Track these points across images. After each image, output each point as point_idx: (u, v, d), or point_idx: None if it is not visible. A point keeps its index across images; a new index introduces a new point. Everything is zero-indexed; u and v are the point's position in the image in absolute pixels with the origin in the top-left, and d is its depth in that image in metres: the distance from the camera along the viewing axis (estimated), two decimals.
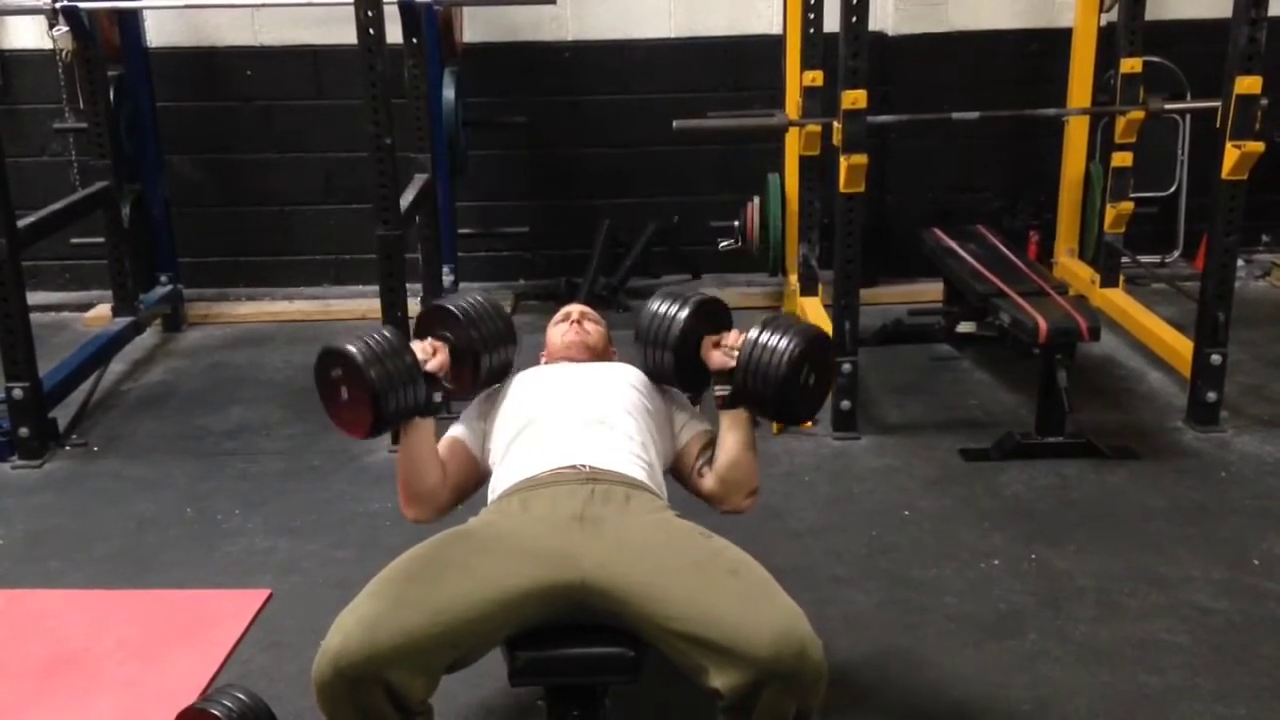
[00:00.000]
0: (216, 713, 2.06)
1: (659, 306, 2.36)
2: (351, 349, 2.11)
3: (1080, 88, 4.88)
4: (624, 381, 2.39)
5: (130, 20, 4.77)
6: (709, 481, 2.32)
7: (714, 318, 2.37)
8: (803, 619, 1.85)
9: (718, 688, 1.83)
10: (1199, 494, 3.36)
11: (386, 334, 2.18)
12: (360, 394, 2.12)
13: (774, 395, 2.19)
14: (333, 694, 1.79)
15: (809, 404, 2.30)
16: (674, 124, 4.08)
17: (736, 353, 2.24)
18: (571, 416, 2.28)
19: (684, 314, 2.31)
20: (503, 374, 2.42)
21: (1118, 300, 4.68)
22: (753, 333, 2.23)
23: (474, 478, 2.36)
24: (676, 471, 2.39)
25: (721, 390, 2.29)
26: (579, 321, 2.61)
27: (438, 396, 2.25)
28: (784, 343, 2.18)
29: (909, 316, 4.57)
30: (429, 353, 2.26)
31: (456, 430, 2.41)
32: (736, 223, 5.05)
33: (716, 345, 2.32)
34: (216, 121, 5.36)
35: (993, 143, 5.25)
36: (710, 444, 2.35)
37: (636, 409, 2.32)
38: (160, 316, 5.04)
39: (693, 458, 2.36)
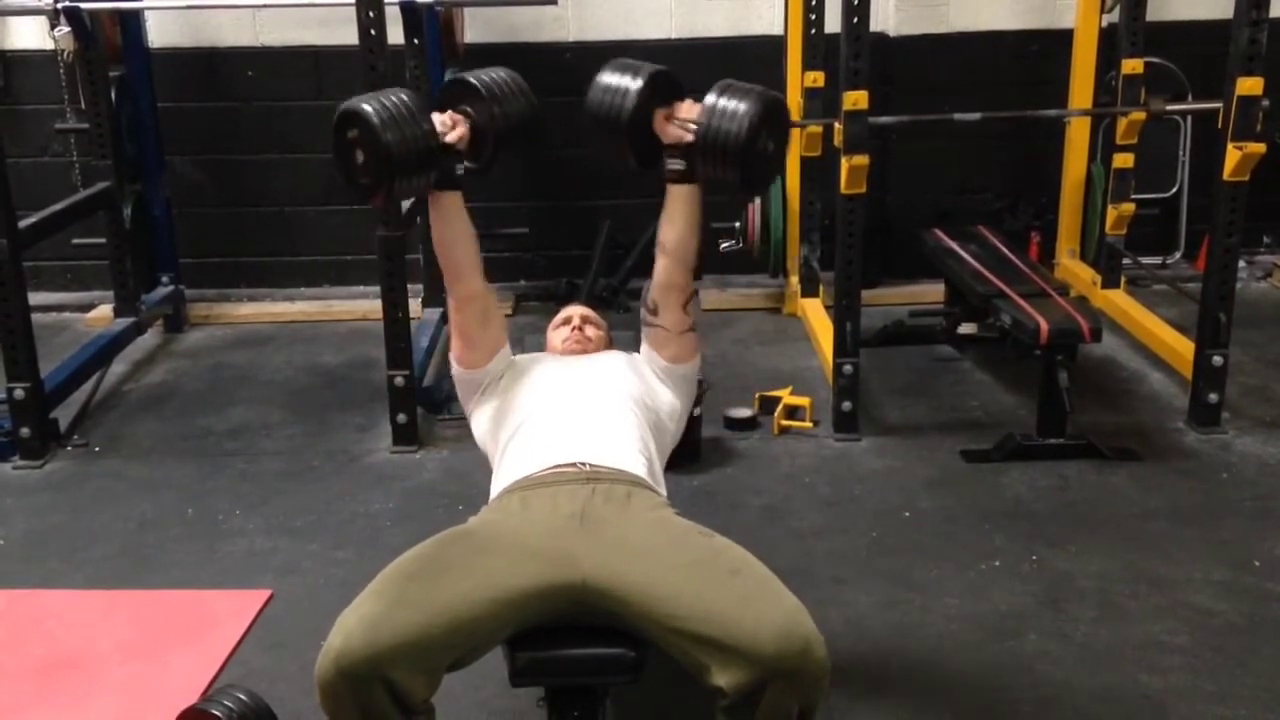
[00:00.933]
0: (217, 713, 2.07)
1: (610, 79, 2.29)
2: (368, 109, 2.11)
3: (1081, 89, 4.89)
4: (619, 372, 2.39)
5: (132, 21, 4.77)
6: (655, 290, 2.33)
7: (665, 89, 2.30)
8: (806, 616, 1.85)
9: (721, 685, 1.83)
10: (1200, 495, 3.36)
11: (405, 98, 2.16)
12: (373, 156, 2.12)
13: (733, 163, 2.15)
14: (335, 693, 1.79)
15: (769, 170, 2.27)
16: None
17: (692, 125, 2.19)
18: (571, 413, 2.28)
19: (636, 86, 2.25)
20: (524, 145, 2.42)
21: (1119, 301, 4.68)
22: (709, 100, 2.18)
23: (491, 333, 2.40)
24: (658, 349, 2.38)
25: (675, 164, 2.25)
26: (580, 328, 2.61)
27: (459, 169, 2.25)
28: (741, 107, 2.14)
29: (910, 318, 4.57)
30: (449, 125, 2.25)
31: (504, 346, 2.45)
32: (737, 224, 5.05)
33: (669, 118, 2.26)
34: (218, 122, 5.36)
35: (994, 144, 5.24)
36: (642, 303, 2.38)
37: (635, 402, 2.33)
38: (161, 317, 5.04)
39: (649, 322, 2.37)
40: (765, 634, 1.79)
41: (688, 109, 2.24)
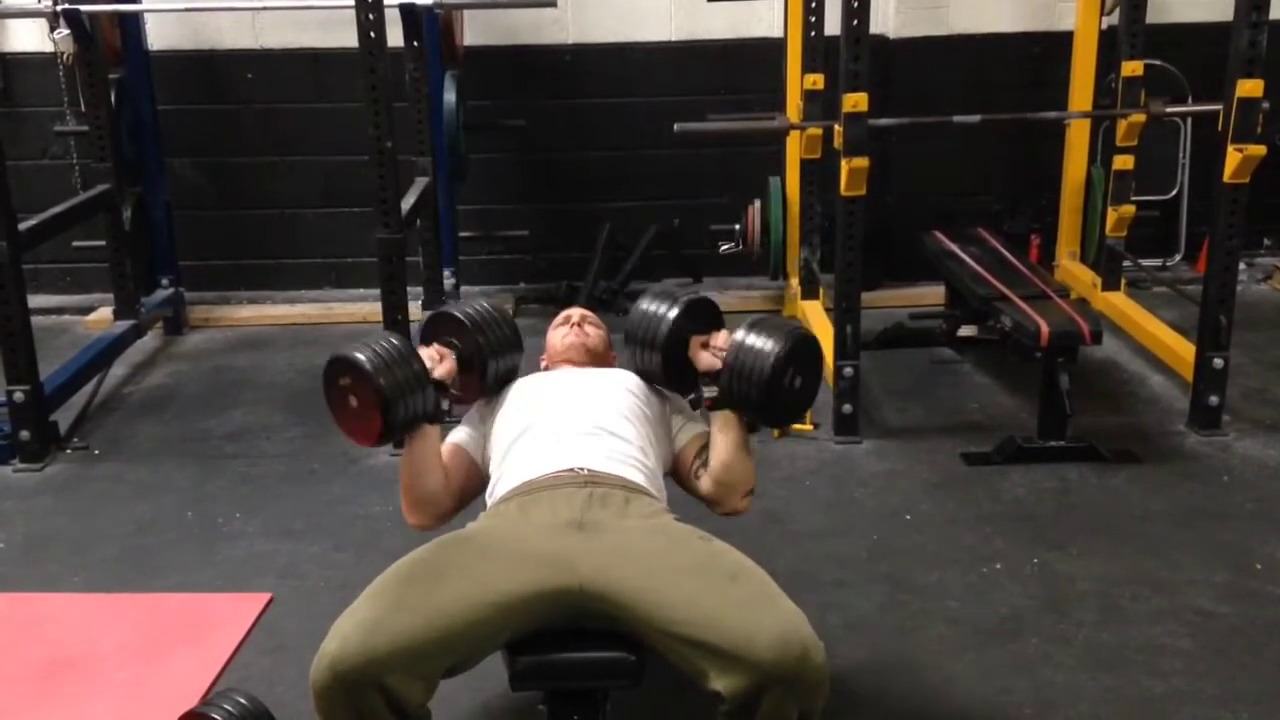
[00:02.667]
0: (217, 716, 2.06)
1: (648, 305, 2.34)
2: (360, 357, 2.11)
3: (1081, 91, 4.88)
4: (622, 386, 2.39)
5: (131, 23, 4.77)
6: (705, 483, 2.31)
7: (704, 317, 2.35)
8: (805, 622, 1.84)
9: (719, 691, 1.82)
10: (1201, 498, 3.35)
11: (395, 341, 2.17)
12: (369, 402, 2.11)
13: (758, 399, 2.17)
14: (330, 699, 1.79)
15: (794, 407, 2.29)
16: (675, 127, 4.08)
17: (724, 354, 2.23)
18: (570, 421, 2.28)
19: (673, 314, 2.30)
20: (508, 380, 2.42)
21: (1119, 304, 4.68)
22: (738, 335, 2.21)
23: (475, 482, 2.35)
24: (676, 473, 2.39)
25: (710, 392, 2.28)
26: (579, 324, 2.62)
27: (445, 404, 2.25)
28: (768, 345, 2.17)
29: (910, 320, 4.57)
30: (435, 359, 2.26)
31: (458, 435, 2.40)
32: (737, 226, 5.05)
33: (705, 345, 2.30)
34: (217, 124, 5.36)
35: (994, 146, 5.24)
36: (707, 445, 2.34)
37: (635, 414, 2.32)
38: (161, 319, 5.04)
39: (690, 459, 2.35)
40: (763, 640, 1.79)
41: (723, 339, 2.28)
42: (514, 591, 1.90)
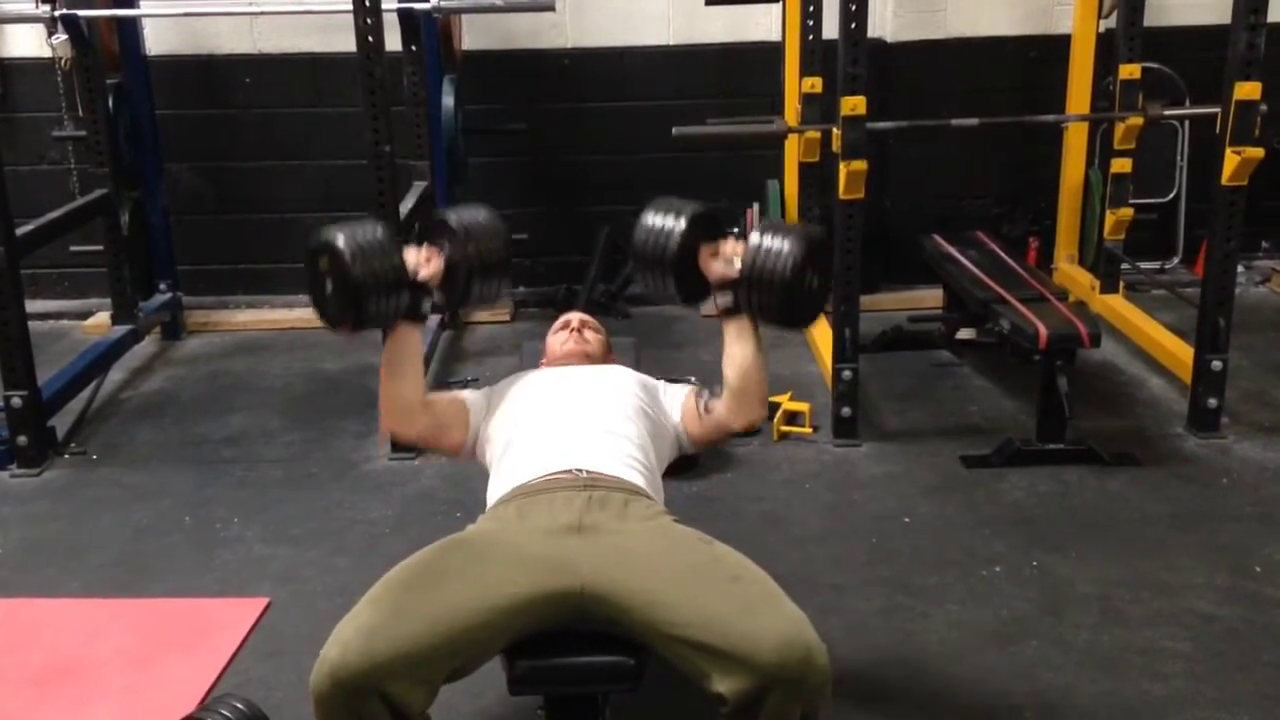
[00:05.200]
0: None
1: (653, 220, 2.31)
2: (340, 242, 2.09)
3: (1079, 94, 4.89)
4: (620, 384, 2.39)
5: (129, 28, 4.76)
6: (720, 405, 2.33)
7: (709, 227, 2.33)
8: (807, 624, 1.84)
9: (722, 693, 1.82)
10: (1200, 500, 3.35)
11: (379, 231, 2.15)
12: (343, 288, 2.10)
13: (780, 303, 2.18)
14: (331, 705, 1.78)
15: (813, 307, 2.29)
16: (673, 131, 4.08)
17: (737, 261, 2.22)
18: (568, 421, 2.28)
19: (680, 227, 2.27)
20: (493, 297, 2.40)
21: (1118, 306, 4.68)
22: (754, 239, 2.20)
23: (455, 428, 2.36)
24: (686, 428, 2.39)
25: (724, 300, 2.28)
26: (579, 330, 2.62)
27: (428, 305, 2.24)
28: (786, 248, 2.16)
29: (909, 323, 4.56)
30: (422, 260, 2.24)
31: (466, 393, 2.43)
32: (736, 229, 5.05)
33: (714, 255, 2.29)
34: (215, 129, 5.36)
35: (992, 149, 5.24)
36: (701, 391, 2.39)
37: (635, 412, 2.32)
38: (159, 324, 5.03)
39: (694, 407, 2.38)
40: (767, 641, 1.78)
41: (732, 247, 2.28)
42: (515, 595, 1.89)
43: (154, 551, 3.22)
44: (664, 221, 2.30)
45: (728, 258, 2.26)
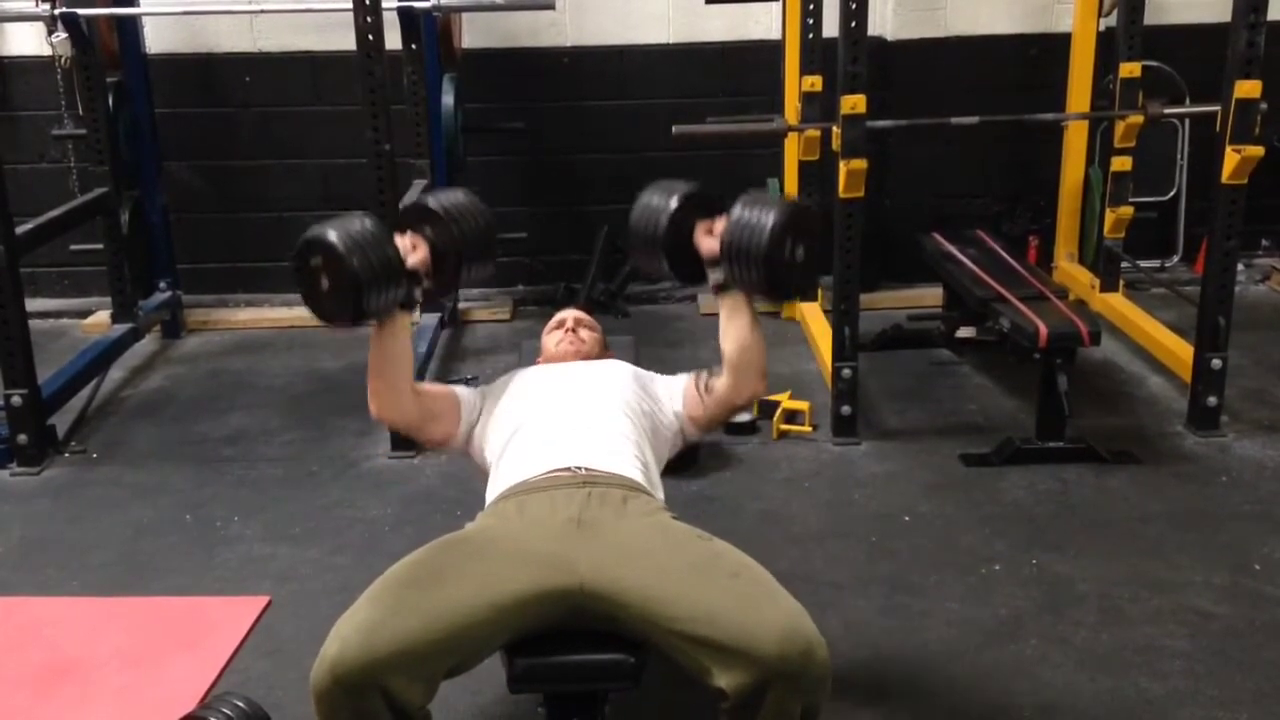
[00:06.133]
0: None
1: (648, 199, 2.33)
2: (333, 238, 2.09)
3: (1079, 92, 4.89)
4: (617, 380, 2.39)
5: (129, 27, 4.77)
6: (720, 382, 2.35)
7: (706, 205, 2.33)
8: (807, 618, 1.84)
9: (723, 687, 1.82)
10: (1200, 499, 3.35)
11: (369, 223, 2.15)
12: (341, 283, 2.10)
13: (760, 274, 2.19)
14: (331, 702, 1.78)
15: (797, 277, 2.29)
16: (673, 129, 4.08)
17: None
18: (566, 418, 2.28)
19: (672, 205, 2.28)
20: (482, 276, 2.40)
21: (1118, 305, 4.68)
22: (734, 211, 2.21)
23: (444, 419, 2.37)
24: (689, 410, 2.40)
25: (715, 276, 2.29)
26: (573, 329, 2.61)
27: (418, 292, 2.24)
28: (762, 217, 2.16)
29: (909, 321, 4.56)
30: (409, 248, 2.24)
31: (459, 388, 2.44)
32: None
33: (709, 233, 2.29)
34: (215, 128, 5.36)
35: (992, 147, 5.24)
36: (700, 372, 2.40)
37: (633, 407, 2.32)
38: (159, 323, 5.03)
39: (694, 389, 2.39)
40: (768, 635, 1.78)
41: (723, 224, 2.27)
42: (514, 592, 1.89)
43: (154, 550, 3.22)
44: (658, 200, 2.31)
45: (719, 235, 2.27)
